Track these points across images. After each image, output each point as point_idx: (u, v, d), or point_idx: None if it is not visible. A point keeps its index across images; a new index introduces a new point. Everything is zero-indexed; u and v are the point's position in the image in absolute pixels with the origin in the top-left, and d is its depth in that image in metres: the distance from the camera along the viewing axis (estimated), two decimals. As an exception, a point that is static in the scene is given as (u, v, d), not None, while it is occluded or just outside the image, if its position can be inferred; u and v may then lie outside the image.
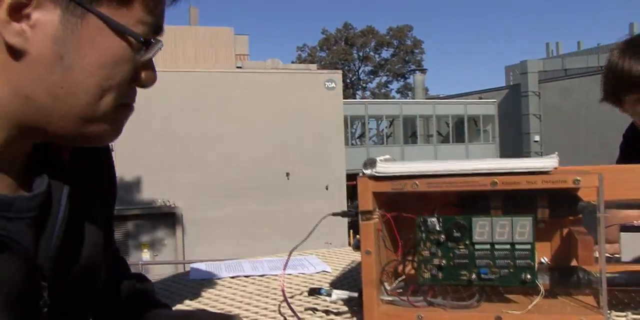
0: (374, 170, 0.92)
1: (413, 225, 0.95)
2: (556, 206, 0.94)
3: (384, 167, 0.92)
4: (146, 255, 18.35)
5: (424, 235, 0.93)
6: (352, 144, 27.92)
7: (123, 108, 0.77)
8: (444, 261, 0.93)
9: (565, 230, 0.99)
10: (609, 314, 0.94)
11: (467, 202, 0.97)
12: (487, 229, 0.91)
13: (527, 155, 25.86)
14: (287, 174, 21.34)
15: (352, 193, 26.33)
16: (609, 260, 1.26)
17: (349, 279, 1.28)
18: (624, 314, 0.97)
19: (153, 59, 0.79)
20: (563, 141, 24.58)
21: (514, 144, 26.57)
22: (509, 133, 27.09)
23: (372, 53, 48.65)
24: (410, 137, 29.34)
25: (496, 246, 0.91)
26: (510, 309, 0.91)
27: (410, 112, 28.27)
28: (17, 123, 0.72)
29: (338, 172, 22.92)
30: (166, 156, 17.75)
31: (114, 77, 0.72)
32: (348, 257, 1.59)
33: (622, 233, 1.21)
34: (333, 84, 23.02)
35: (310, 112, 21.86)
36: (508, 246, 0.90)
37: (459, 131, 28.63)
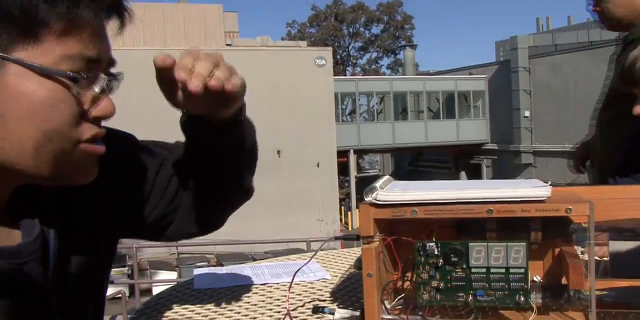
0: (374, 197, 0.96)
1: (412, 245, 1.00)
2: (548, 229, 0.99)
3: (383, 195, 0.96)
4: (139, 234, 18.39)
5: (422, 259, 0.98)
6: (343, 121, 27.94)
7: (86, 146, 0.77)
8: (442, 284, 0.97)
9: (557, 250, 1.04)
10: (598, 328, 0.99)
11: (464, 224, 1.02)
12: (483, 254, 0.95)
13: (517, 130, 25.94)
14: (278, 152, 21.40)
15: (342, 169, 26.44)
16: (596, 267, 1.31)
17: (348, 288, 1.33)
18: (612, 329, 1.02)
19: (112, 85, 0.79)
20: (553, 116, 24.68)
21: (504, 119, 26.65)
22: (499, 109, 27.15)
23: (362, 29, 48.46)
24: (401, 113, 29.36)
25: (492, 270, 0.95)
26: (505, 328, 0.95)
27: (400, 88, 28.27)
28: None
29: (329, 148, 22.99)
30: (155, 135, 17.64)
31: (53, 119, 0.72)
32: (345, 260, 1.64)
33: (611, 241, 1.26)
34: (323, 61, 22.98)
35: (301, 89, 21.84)
36: (503, 270, 0.95)
37: (450, 107, 28.67)
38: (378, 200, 0.96)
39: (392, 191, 0.97)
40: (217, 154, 1.01)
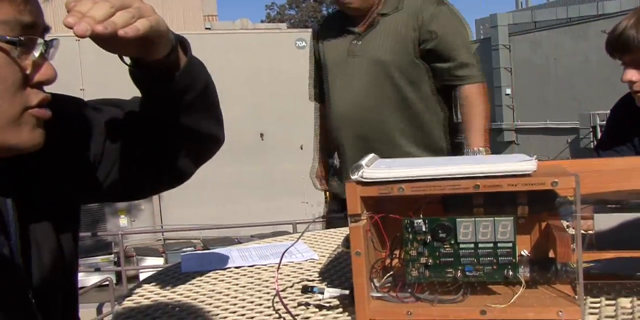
0: (360, 175, 0.96)
1: (399, 223, 1.00)
2: (535, 203, 0.99)
3: (370, 173, 0.96)
4: (123, 221, 18.37)
5: (410, 236, 0.98)
6: (326, 103, 27.86)
7: (31, 111, 0.77)
8: (430, 260, 0.97)
9: (543, 224, 1.04)
10: (585, 300, 1.00)
11: (451, 199, 1.02)
12: (471, 230, 0.95)
13: (498, 108, 26.02)
14: (261, 135, 21.33)
15: (326, 151, 26.37)
16: (582, 240, 1.32)
17: (337, 267, 1.33)
18: (598, 299, 1.03)
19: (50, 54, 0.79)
20: (534, 94, 24.75)
21: (485, 98, 26.67)
22: (481, 87, 27.17)
23: (341, 9, 48.15)
24: (384, 93, 29.32)
25: (480, 245, 0.96)
26: (494, 302, 0.96)
27: (382, 68, 28.20)
28: None
29: (312, 131, 22.94)
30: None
31: None
32: (332, 240, 1.64)
33: (595, 214, 1.27)
34: (304, 43, 22.82)
35: (282, 72, 21.72)
36: (491, 245, 0.95)
37: (431, 86, 28.66)
38: (364, 178, 0.96)
39: (378, 169, 0.97)
40: (167, 100, 0.97)
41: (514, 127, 25.68)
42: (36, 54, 0.76)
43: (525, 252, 1.04)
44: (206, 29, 22.28)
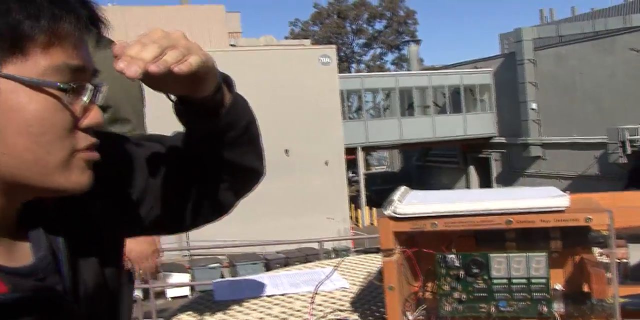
0: (393, 211, 0.97)
1: (431, 256, 1.00)
2: (568, 237, 0.99)
3: (402, 208, 0.96)
4: (150, 237, 18.42)
5: (443, 270, 0.98)
6: (350, 118, 27.91)
7: (80, 154, 0.79)
8: (463, 295, 0.98)
9: (577, 258, 1.04)
10: (621, 334, 0.99)
11: (483, 233, 1.02)
12: (503, 265, 0.95)
13: (524, 123, 25.85)
14: (286, 151, 21.40)
15: (350, 166, 26.39)
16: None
17: (368, 297, 1.33)
18: (634, 335, 1.02)
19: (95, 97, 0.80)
20: (560, 108, 24.56)
21: (511, 112, 26.53)
22: (506, 102, 27.03)
23: (365, 25, 48.38)
24: (407, 109, 29.28)
25: (513, 281, 0.96)
26: (528, 338, 0.96)
27: (406, 84, 28.20)
28: None
29: (337, 146, 22.99)
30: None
31: (47, 131, 0.74)
32: (362, 267, 1.64)
33: (630, 244, 1.26)
34: (328, 59, 22.97)
35: (307, 88, 21.85)
36: (524, 280, 0.95)
37: (456, 101, 28.58)
38: (397, 214, 0.97)
39: (410, 204, 0.98)
40: (211, 136, 0.99)
41: (541, 142, 25.46)
42: (85, 99, 0.78)
43: (559, 286, 1.04)
44: (230, 45, 22.49)
